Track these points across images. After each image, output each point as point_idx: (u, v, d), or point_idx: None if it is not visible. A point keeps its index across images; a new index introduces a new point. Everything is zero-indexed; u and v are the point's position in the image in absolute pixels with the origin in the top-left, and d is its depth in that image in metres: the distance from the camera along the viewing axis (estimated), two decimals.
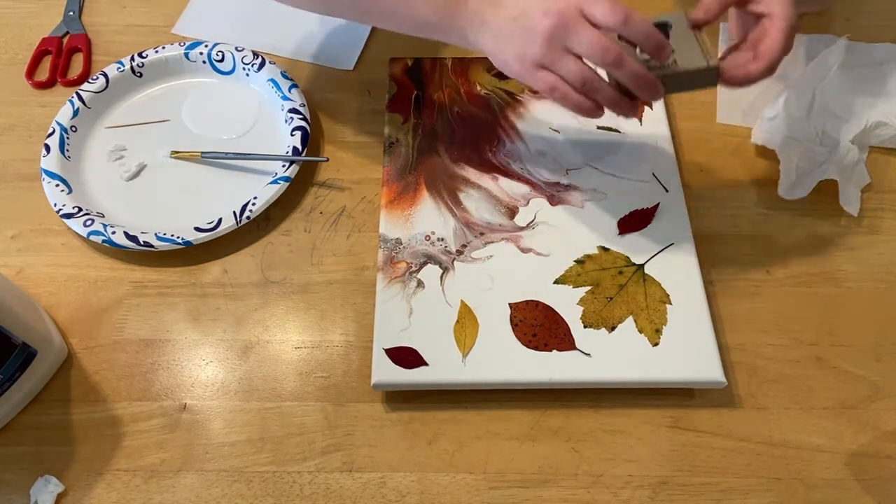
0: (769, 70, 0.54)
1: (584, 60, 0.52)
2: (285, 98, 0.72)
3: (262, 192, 0.66)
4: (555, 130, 0.70)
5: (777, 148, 0.69)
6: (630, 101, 0.54)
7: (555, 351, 0.57)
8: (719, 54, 0.59)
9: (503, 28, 0.53)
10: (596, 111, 0.53)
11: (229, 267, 0.64)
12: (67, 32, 0.81)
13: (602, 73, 0.53)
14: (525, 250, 0.62)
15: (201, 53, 0.75)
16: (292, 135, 0.70)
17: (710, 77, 0.54)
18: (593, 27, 0.50)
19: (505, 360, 0.56)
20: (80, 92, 0.72)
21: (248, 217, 0.64)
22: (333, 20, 0.80)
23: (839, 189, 0.65)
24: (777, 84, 0.72)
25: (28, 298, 0.60)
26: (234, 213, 0.64)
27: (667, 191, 0.65)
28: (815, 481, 0.54)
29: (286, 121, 0.71)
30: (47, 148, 0.69)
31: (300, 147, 0.68)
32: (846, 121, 0.70)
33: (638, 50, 0.53)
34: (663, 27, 0.56)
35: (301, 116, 0.71)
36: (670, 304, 0.59)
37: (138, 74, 0.75)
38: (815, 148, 0.69)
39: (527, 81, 0.54)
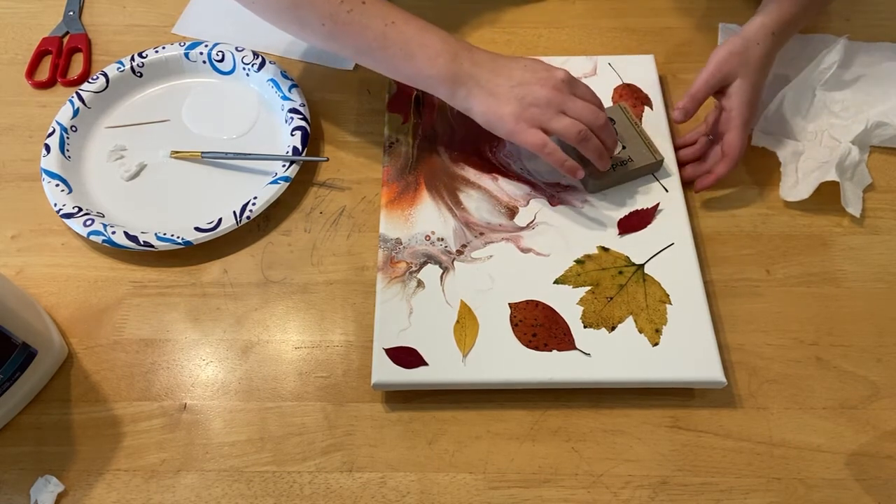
0: (734, 165, 0.65)
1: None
2: (285, 98, 0.72)
3: (262, 192, 0.66)
4: None
5: (778, 149, 0.69)
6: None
7: (555, 351, 0.57)
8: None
9: (500, 93, 0.60)
10: (577, 170, 0.61)
11: (229, 267, 0.64)
12: (67, 32, 0.81)
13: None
14: (525, 250, 0.62)
15: (201, 53, 0.75)
16: (292, 135, 0.70)
17: (656, 167, 0.66)
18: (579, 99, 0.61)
19: (505, 360, 0.56)
20: (80, 92, 0.72)
21: (248, 217, 0.64)
22: None
23: (841, 190, 0.65)
24: (777, 84, 0.72)
25: (28, 298, 0.60)
26: (234, 213, 0.64)
27: (667, 191, 0.65)
28: (815, 481, 0.54)
29: (286, 121, 0.71)
30: (47, 148, 0.69)
31: (300, 147, 0.68)
32: (846, 121, 0.70)
33: None
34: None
35: (301, 116, 0.71)
36: (670, 304, 0.59)
37: (138, 74, 0.75)
38: (815, 148, 0.69)
39: (517, 138, 0.60)
